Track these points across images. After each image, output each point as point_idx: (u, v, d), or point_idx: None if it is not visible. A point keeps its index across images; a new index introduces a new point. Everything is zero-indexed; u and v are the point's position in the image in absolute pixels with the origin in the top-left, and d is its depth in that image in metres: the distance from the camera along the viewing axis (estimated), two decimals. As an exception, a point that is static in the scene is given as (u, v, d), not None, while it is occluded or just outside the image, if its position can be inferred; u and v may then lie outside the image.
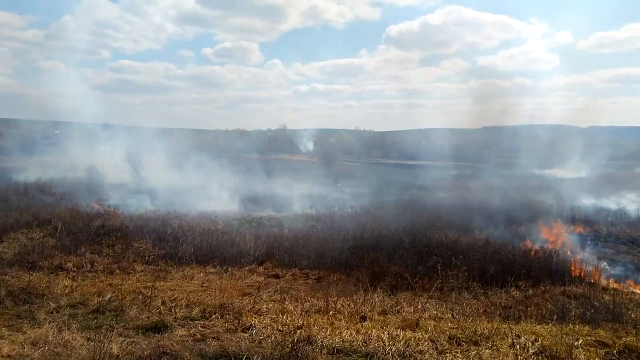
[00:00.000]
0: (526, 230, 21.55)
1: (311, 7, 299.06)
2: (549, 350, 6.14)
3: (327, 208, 28.44)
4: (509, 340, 6.43)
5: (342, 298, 9.87)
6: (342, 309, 8.78)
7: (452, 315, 9.01)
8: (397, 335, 6.64)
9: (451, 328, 7.26)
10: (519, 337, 6.66)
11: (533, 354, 6.02)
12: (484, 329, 7.12)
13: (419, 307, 9.18)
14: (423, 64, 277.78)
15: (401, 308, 9.20)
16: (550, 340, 6.57)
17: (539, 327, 7.71)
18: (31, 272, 11.96)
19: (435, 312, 9.08)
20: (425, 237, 18.58)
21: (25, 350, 6.17)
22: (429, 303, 9.95)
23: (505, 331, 6.94)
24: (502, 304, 11.47)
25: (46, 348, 6.17)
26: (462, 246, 17.42)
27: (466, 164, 65.61)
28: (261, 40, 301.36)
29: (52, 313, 8.22)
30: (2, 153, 55.37)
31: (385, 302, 9.77)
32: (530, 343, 6.35)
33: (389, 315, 8.42)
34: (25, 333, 6.92)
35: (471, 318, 8.75)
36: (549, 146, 50.22)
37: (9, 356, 5.97)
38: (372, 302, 9.70)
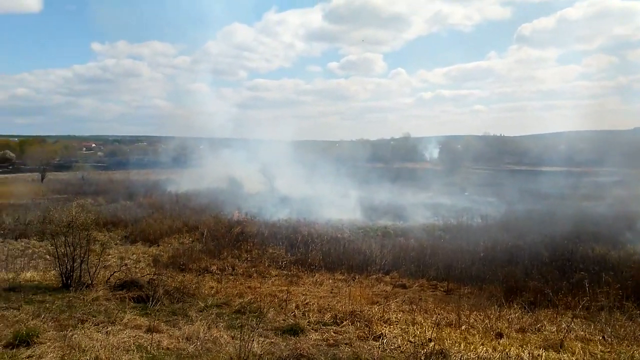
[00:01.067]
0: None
1: (436, 12, 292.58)
2: None
3: (455, 218, 27.46)
4: (677, 370, 5.65)
5: (475, 312, 9.48)
6: (475, 323, 8.44)
7: (603, 337, 8.11)
8: (539, 355, 6.21)
9: (603, 352, 6.60)
10: (690, 368, 5.81)
11: None
12: (643, 355, 6.34)
13: (563, 326, 8.44)
14: (561, 62, 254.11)
15: (542, 326, 8.54)
16: None
17: None
18: (183, 274, 13.32)
19: (582, 333, 8.27)
20: (568, 251, 17.03)
21: (181, 344, 6.90)
22: (575, 323, 9.07)
23: (671, 360, 6.11)
24: (666, 329, 10.03)
25: (198, 343, 6.84)
26: (612, 261, 15.73)
27: (613, 169, 58.45)
28: (385, 51, 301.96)
29: (201, 311, 9.07)
30: (157, 167, 63.07)
31: (524, 319, 9.16)
32: None
33: (528, 334, 7.89)
34: (181, 329, 7.70)
35: (626, 342, 7.81)
36: None
37: (167, 349, 6.72)
38: (508, 318, 9.16)
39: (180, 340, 7.07)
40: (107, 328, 7.40)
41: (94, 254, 12.44)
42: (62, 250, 10.63)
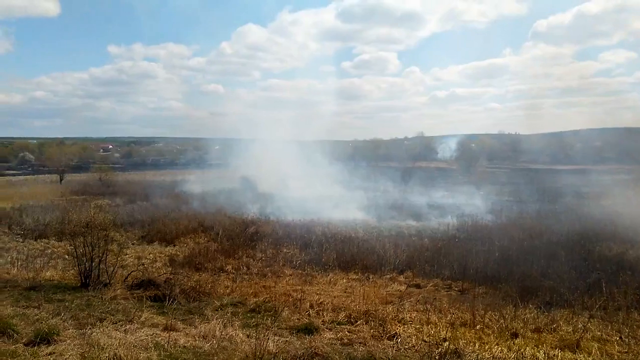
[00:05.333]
0: None
1: (450, 9, 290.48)
2: None
3: (469, 217, 27.28)
4: (696, 371, 5.58)
5: (490, 312, 9.45)
6: (490, 323, 8.41)
7: (621, 337, 8.02)
8: (554, 355, 6.18)
9: (620, 352, 6.55)
10: None
11: None
12: (662, 356, 6.27)
13: (580, 326, 8.37)
14: (578, 59, 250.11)
15: (558, 327, 8.47)
16: None
17: None
18: (199, 273, 13.46)
19: (599, 333, 8.18)
20: (585, 250, 16.82)
21: (197, 342, 7.00)
22: (591, 323, 8.98)
23: (690, 361, 6.03)
24: (686, 330, 9.86)
25: (214, 342, 6.93)
26: (630, 261, 15.47)
27: (632, 167, 57.29)
28: (399, 49, 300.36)
29: (217, 310, 9.17)
30: (173, 167, 63.83)
31: (539, 319, 9.10)
32: None
33: (543, 334, 7.84)
34: (197, 327, 7.81)
35: (644, 343, 7.72)
36: None
37: (184, 347, 6.82)
38: (523, 318, 9.11)
39: (197, 338, 7.17)
40: (125, 326, 7.54)
41: (111, 254, 12.59)
42: (81, 250, 10.82)
